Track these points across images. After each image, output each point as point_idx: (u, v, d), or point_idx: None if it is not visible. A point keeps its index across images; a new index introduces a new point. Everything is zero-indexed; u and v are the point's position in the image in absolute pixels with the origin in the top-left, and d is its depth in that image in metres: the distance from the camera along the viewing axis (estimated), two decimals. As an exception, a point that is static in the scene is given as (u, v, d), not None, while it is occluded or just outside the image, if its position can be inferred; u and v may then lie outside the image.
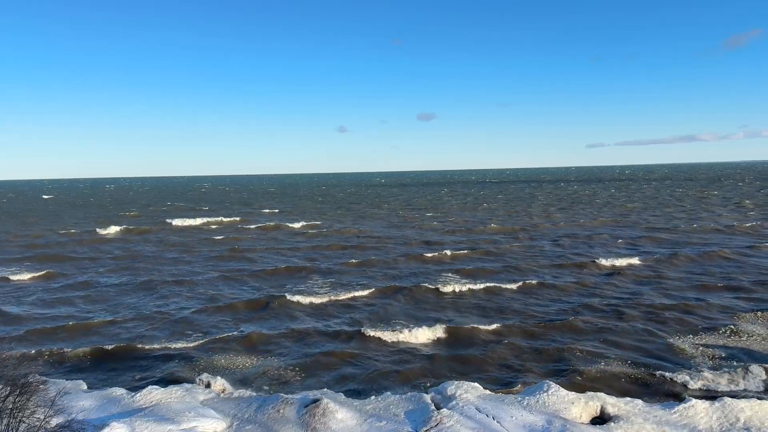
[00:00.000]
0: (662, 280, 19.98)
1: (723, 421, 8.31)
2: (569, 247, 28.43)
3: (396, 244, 30.73)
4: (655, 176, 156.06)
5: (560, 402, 8.77)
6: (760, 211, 44.67)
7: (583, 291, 18.65)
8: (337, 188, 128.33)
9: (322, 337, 14.18)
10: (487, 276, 21.42)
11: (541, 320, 15.33)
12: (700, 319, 15.09)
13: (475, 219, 44.35)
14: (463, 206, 58.55)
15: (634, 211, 47.51)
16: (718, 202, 54.72)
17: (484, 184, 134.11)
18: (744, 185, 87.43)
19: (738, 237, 30.56)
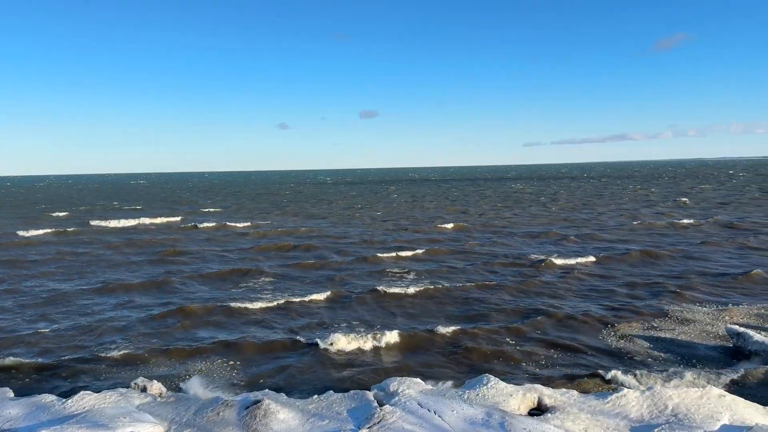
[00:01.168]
0: (610, 278, 20.42)
1: (653, 408, 8.64)
2: (522, 245, 28.71)
3: (347, 244, 30.24)
4: (592, 174, 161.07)
5: (499, 394, 8.94)
6: (699, 208, 46.61)
7: (536, 290, 18.75)
8: (281, 186, 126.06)
9: (267, 342, 13.76)
10: (441, 276, 21.29)
11: (492, 317, 15.55)
12: (640, 313, 15.57)
13: (426, 217, 44.33)
14: (413, 204, 58.71)
15: (579, 209, 48.71)
16: (658, 199, 56.95)
17: (429, 182, 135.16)
18: (677, 182, 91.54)
19: (682, 234, 31.68)
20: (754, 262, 22.34)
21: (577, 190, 79.42)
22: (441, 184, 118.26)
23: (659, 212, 44.01)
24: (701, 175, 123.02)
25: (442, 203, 59.35)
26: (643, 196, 62.21)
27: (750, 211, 42.36)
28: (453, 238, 32.31)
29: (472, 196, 70.12)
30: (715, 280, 19.33)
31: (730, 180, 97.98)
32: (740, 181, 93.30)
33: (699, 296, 17.10)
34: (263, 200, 73.02)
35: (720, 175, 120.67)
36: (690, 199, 55.40)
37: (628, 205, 51.09)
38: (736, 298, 16.83)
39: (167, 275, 22.26)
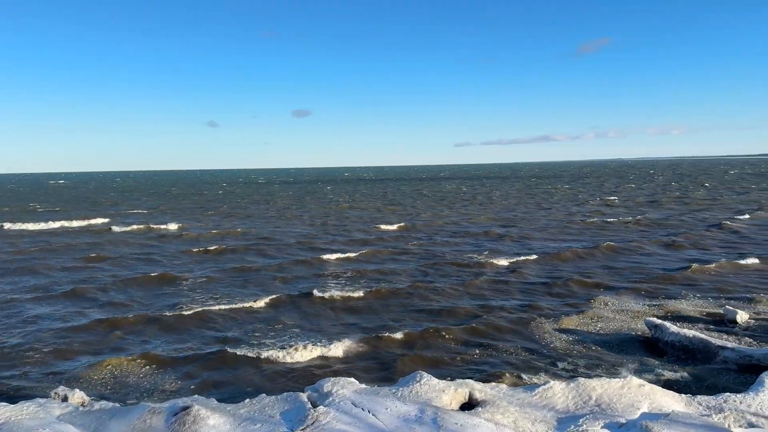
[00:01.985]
0: (546, 276, 20.85)
1: (578, 399, 8.96)
2: (462, 244, 28.90)
3: (285, 246, 29.50)
4: (522, 174, 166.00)
5: (432, 391, 9.04)
6: (626, 206, 48.67)
7: (477, 289, 18.80)
8: (212, 186, 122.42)
9: (199, 350, 13.25)
10: (383, 277, 21.07)
11: (435, 318, 15.69)
12: (572, 309, 16.09)
13: (366, 217, 44.16)
14: (351, 204, 58.49)
15: (514, 208, 49.83)
16: (587, 198, 59.25)
17: (364, 181, 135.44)
18: (602, 182, 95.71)
19: (613, 231, 32.96)
20: (682, 258, 23.51)
21: (510, 189, 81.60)
22: (377, 183, 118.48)
23: (590, 211, 45.72)
24: (624, 175, 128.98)
25: (380, 203, 59.45)
26: (572, 195, 64.59)
27: (675, 209, 44.72)
28: (394, 237, 32.28)
29: (410, 196, 70.76)
30: (644, 276, 20.22)
31: (652, 179, 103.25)
32: (662, 180, 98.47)
33: (628, 292, 17.81)
34: (194, 200, 70.67)
35: (642, 175, 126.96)
36: (617, 198, 57.97)
37: (560, 204, 52.80)
38: (665, 293, 17.64)
39: (88, 282, 20.96)
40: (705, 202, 51.13)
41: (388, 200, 63.65)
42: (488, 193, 72.59)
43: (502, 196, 67.01)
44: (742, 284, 18.48)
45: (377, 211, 50.42)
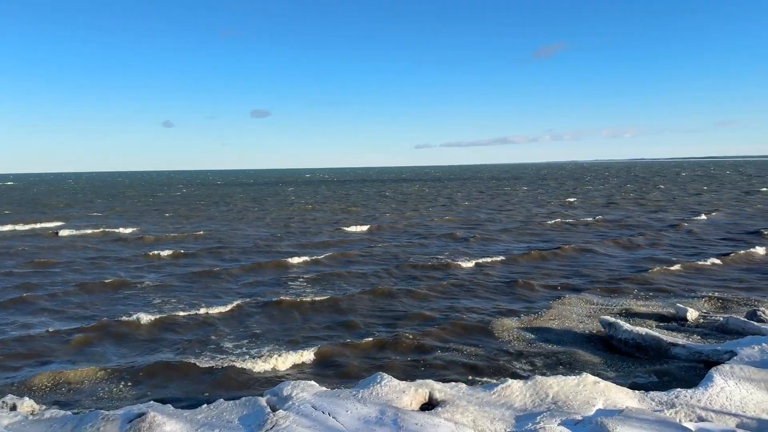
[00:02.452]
0: (511, 277, 21.01)
1: (535, 397, 9.11)
2: (428, 246, 28.84)
3: (247, 249, 28.78)
4: (482, 175, 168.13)
5: (392, 392, 9.06)
6: (585, 207, 49.73)
7: (443, 292, 18.79)
8: (169, 187, 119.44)
9: (155, 358, 12.87)
10: (349, 281, 20.76)
11: (397, 320, 15.66)
12: (535, 310, 16.34)
13: (330, 219, 43.81)
14: (314, 206, 58.05)
15: (477, 209, 50.17)
16: (548, 199, 60.29)
17: (326, 182, 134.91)
18: (561, 183, 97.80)
19: (574, 232, 33.63)
20: (640, 258, 24.14)
21: (472, 190, 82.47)
22: (338, 185, 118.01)
23: (551, 212, 46.49)
24: (581, 177, 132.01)
25: (344, 205, 59.19)
26: (533, 197, 65.68)
27: (632, 210, 45.93)
28: (359, 240, 32.03)
29: (373, 198, 70.81)
30: (603, 276, 20.67)
31: (608, 181, 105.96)
32: (617, 181, 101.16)
33: (587, 292, 18.20)
34: (150, 202, 68.74)
35: (598, 176, 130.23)
36: (576, 199, 59.23)
37: (521, 205, 53.54)
38: (622, 292, 18.08)
39: (38, 288, 19.98)
40: (660, 203, 52.61)
41: (351, 202, 63.50)
42: (451, 195, 73.19)
43: (464, 197, 67.66)
44: (696, 283, 19.09)
45: (341, 212, 50.05)
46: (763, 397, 9.23)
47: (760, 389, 9.42)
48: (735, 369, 9.92)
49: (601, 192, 71.97)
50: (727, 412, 8.85)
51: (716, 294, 17.38)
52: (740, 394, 9.23)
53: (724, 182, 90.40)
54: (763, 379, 9.71)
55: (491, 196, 69.90)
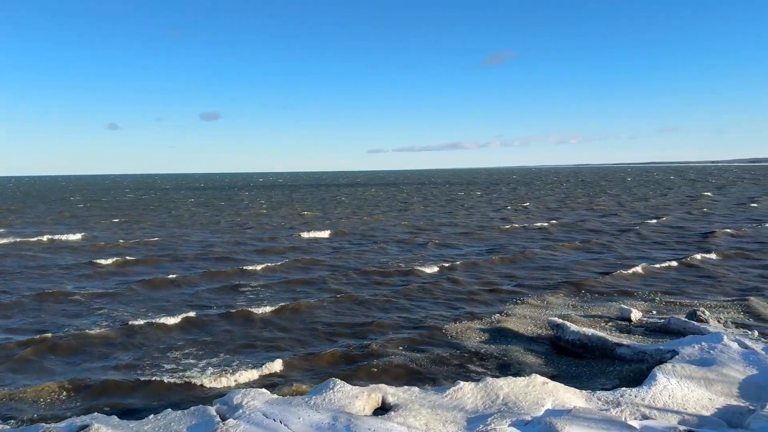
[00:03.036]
0: (470, 281, 21.08)
1: (486, 399, 9.23)
2: (387, 252, 28.66)
3: (201, 257, 27.70)
4: (436, 180, 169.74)
5: (345, 397, 9.03)
6: (540, 211, 50.73)
7: (403, 298, 18.61)
8: (116, 192, 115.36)
9: (100, 372, 12.33)
10: (307, 289, 20.16)
11: (358, 328, 15.53)
12: (490, 313, 16.56)
13: (287, 225, 42.96)
14: (270, 211, 56.95)
15: (434, 214, 50.32)
16: (504, 204, 61.24)
17: (280, 187, 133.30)
18: (514, 188, 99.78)
19: (531, 236, 34.17)
20: (594, 261, 24.73)
21: (428, 195, 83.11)
22: (294, 189, 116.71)
23: (507, 216, 47.19)
24: (532, 181, 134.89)
25: (301, 209, 58.49)
26: (488, 201, 66.69)
27: (585, 214, 47.12)
28: (318, 245, 31.47)
29: (329, 202, 70.49)
30: (557, 279, 21.10)
31: (559, 185, 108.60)
32: (567, 186, 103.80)
33: (541, 294, 18.57)
34: (97, 207, 66.11)
35: (548, 181, 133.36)
36: (531, 203, 60.38)
37: (477, 210, 54.16)
38: (573, 294, 18.53)
39: None
40: (610, 207, 54.16)
41: (307, 206, 62.95)
42: (407, 200, 73.56)
43: (420, 202, 68.12)
44: (643, 285, 19.71)
45: (298, 217, 49.36)
46: (703, 394, 9.60)
47: (700, 387, 9.80)
48: (677, 368, 10.30)
49: (553, 196, 73.66)
50: (670, 410, 9.17)
51: (660, 295, 18.03)
52: (682, 392, 9.57)
53: (670, 187, 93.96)
54: (703, 377, 10.11)
55: (448, 200, 70.59)
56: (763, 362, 10.63)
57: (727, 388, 9.84)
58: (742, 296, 17.67)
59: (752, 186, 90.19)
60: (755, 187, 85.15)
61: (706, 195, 68.42)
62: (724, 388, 9.83)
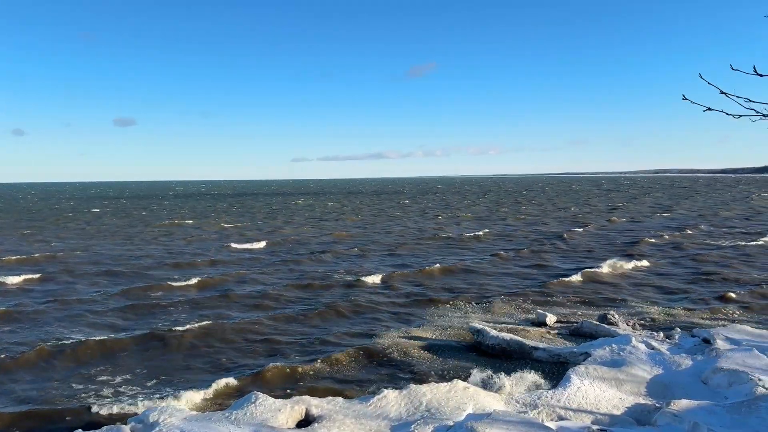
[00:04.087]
0: (403, 292, 21.00)
1: (410, 406, 9.33)
2: (326, 262, 28.06)
3: (123, 271, 25.56)
4: (365, 189, 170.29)
5: (267, 411, 8.87)
6: (474, 221, 51.35)
7: (337, 310, 18.22)
8: (20, 201, 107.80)
9: (4, 405, 11.23)
10: (245, 306, 18.95)
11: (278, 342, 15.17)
12: (415, 322, 16.75)
13: (215, 236, 41.17)
14: (195, 221, 54.57)
15: (368, 224, 49.97)
16: (436, 213, 61.62)
17: (204, 196, 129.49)
18: (443, 197, 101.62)
19: (467, 245, 34.57)
20: (518, 268, 25.49)
21: (360, 205, 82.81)
22: (217, 198, 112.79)
23: (441, 225, 47.59)
24: (459, 191, 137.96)
25: (228, 219, 56.49)
26: (420, 211, 67.21)
27: (514, 224, 48.41)
28: (248, 258, 29.95)
29: (258, 212, 68.98)
30: (485, 285, 21.62)
31: (484, 195, 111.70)
32: (494, 196, 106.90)
33: (466, 301, 19.01)
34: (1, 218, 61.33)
35: (473, 191, 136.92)
36: (462, 213, 61.39)
37: (410, 219, 54.33)
38: (500, 300, 18.97)
39: None
40: (539, 216, 56.14)
41: (234, 217, 61.10)
42: (340, 209, 73.25)
43: (352, 212, 67.78)
44: (564, 290, 20.51)
45: (225, 228, 47.33)
46: (614, 394, 10.10)
47: (611, 387, 10.30)
48: (589, 369, 10.79)
49: (482, 206, 75.41)
50: (584, 410, 9.58)
51: (576, 299, 18.90)
52: (594, 392, 10.03)
53: (588, 196, 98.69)
54: (614, 378, 10.64)
55: (379, 209, 70.72)
56: (668, 362, 11.33)
57: (635, 387, 10.40)
58: (654, 300, 18.84)
59: (661, 195, 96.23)
60: (664, 197, 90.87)
61: (625, 205, 72.22)
62: (633, 387, 10.39)
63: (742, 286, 20.67)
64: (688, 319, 16.21)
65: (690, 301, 18.60)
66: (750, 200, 76.08)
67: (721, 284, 21.19)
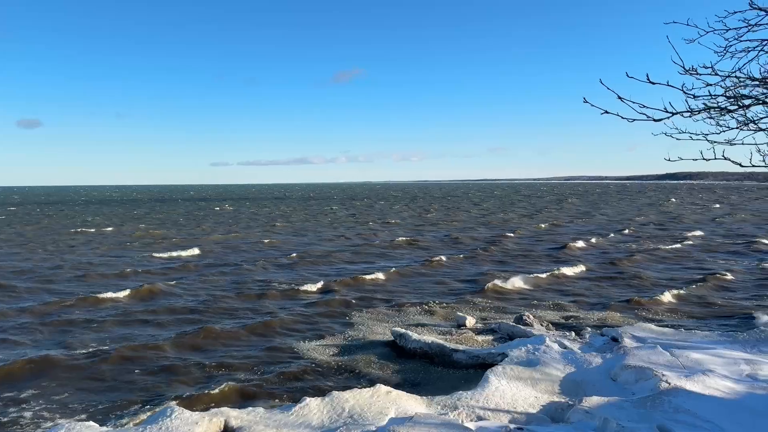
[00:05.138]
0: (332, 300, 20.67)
1: (332, 413, 9.30)
2: (253, 272, 26.88)
3: (30, 285, 23.32)
4: (295, 195, 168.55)
5: (184, 425, 8.58)
6: (407, 227, 50.95)
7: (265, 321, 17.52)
8: None
9: None
10: (163, 323, 17.47)
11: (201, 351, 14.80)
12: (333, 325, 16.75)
13: (133, 245, 38.43)
14: (114, 228, 51.35)
15: (297, 232, 48.70)
16: (367, 219, 60.86)
17: (119, 201, 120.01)
18: (372, 203, 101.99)
19: (406, 251, 34.64)
20: (447, 272, 25.87)
21: (290, 211, 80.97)
22: (134, 204, 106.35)
23: (374, 231, 47.23)
24: (385, 197, 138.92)
25: (146, 227, 53.23)
26: (349, 216, 66.78)
27: (445, 229, 48.74)
28: (174, 268, 27.97)
29: (183, 217, 66.56)
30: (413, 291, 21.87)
31: (413, 200, 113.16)
32: (423, 201, 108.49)
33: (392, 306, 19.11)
34: None
35: (399, 197, 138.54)
36: (392, 219, 61.13)
37: (343, 225, 53.56)
38: (430, 303, 19.25)
39: None
40: (466, 221, 57.17)
41: (154, 224, 57.78)
42: (269, 215, 71.67)
43: (282, 217, 66.24)
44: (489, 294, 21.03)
45: (149, 236, 44.43)
46: (530, 393, 10.48)
47: (527, 386, 10.68)
48: (507, 369, 11.15)
49: (413, 211, 76.03)
50: (501, 410, 9.88)
51: (498, 303, 19.51)
52: (511, 391, 10.36)
53: (512, 202, 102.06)
54: (530, 377, 11.05)
55: (309, 215, 69.52)
56: (579, 360, 11.88)
57: (550, 385, 10.84)
58: (570, 301, 19.74)
59: (579, 202, 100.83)
60: (583, 203, 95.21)
61: (550, 209, 74.98)
62: (548, 386, 10.82)
63: (652, 287, 22.05)
64: (601, 318, 17.09)
65: (603, 302, 19.59)
66: (661, 206, 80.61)
67: (634, 285, 22.51)
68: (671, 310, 18.34)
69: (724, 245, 34.59)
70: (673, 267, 26.95)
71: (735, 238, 38.03)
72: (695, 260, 28.94)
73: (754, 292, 20.65)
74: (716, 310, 18.11)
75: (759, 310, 17.37)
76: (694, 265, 27.43)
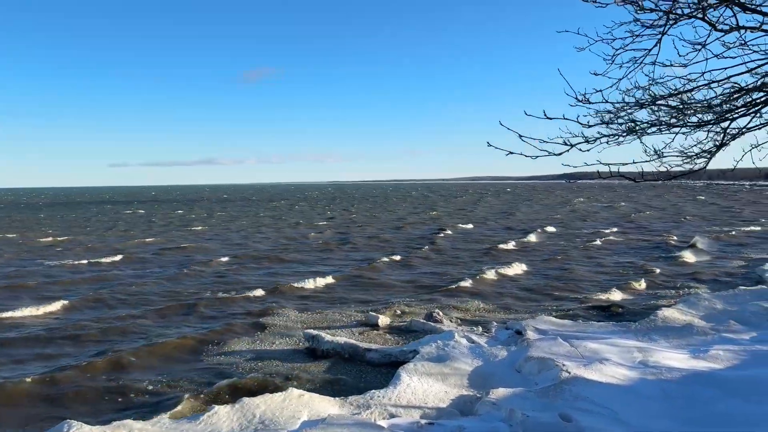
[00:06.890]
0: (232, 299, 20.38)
1: (243, 420, 9.18)
2: (190, 276, 25.46)
3: None
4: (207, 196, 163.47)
5: (83, 440, 8.22)
6: (339, 229, 49.73)
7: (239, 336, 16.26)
8: None
9: None
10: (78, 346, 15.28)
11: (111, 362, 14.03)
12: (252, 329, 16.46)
13: (45, 253, 34.29)
14: (20, 233, 46.68)
15: (226, 233, 47.27)
16: (304, 222, 58.91)
17: (12, 206, 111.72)
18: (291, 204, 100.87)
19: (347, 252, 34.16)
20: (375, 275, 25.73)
21: (206, 213, 78.35)
22: (29, 209, 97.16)
23: (305, 234, 45.26)
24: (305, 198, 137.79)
25: (55, 233, 48.06)
26: (273, 218, 65.25)
27: (379, 227, 48.83)
28: (104, 275, 25.62)
29: (97, 221, 62.92)
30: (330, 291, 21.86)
31: (334, 202, 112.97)
32: (343, 203, 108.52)
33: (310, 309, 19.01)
34: None
35: (320, 198, 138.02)
36: (317, 221, 59.82)
37: (270, 228, 51.86)
38: (341, 304, 19.36)
39: None
40: (399, 220, 57.59)
41: (63, 228, 53.15)
42: (185, 217, 69.07)
43: (200, 220, 63.22)
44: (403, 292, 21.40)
45: (57, 244, 39.76)
46: (440, 388, 10.78)
47: (437, 381, 10.99)
48: (418, 366, 11.42)
49: (335, 212, 75.53)
50: (413, 406, 10.11)
51: (414, 301, 19.85)
52: (422, 388, 10.62)
53: (433, 202, 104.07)
54: (440, 373, 11.37)
55: (229, 218, 66.96)
56: (486, 354, 12.36)
57: (459, 380, 11.20)
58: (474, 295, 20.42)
59: (496, 201, 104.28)
60: (500, 203, 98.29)
61: (485, 205, 76.23)
62: (457, 380, 11.18)
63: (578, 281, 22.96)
64: (506, 313, 17.82)
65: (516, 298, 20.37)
66: (571, 205, 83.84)
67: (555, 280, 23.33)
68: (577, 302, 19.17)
69: (642, 240, 36.31)
70: (601, 263, 27.71)
71: (648, 234, 39.86)
72: (618, 255, 30.06)
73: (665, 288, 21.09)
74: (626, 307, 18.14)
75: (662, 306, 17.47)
76: (615, 262, 28.03)
